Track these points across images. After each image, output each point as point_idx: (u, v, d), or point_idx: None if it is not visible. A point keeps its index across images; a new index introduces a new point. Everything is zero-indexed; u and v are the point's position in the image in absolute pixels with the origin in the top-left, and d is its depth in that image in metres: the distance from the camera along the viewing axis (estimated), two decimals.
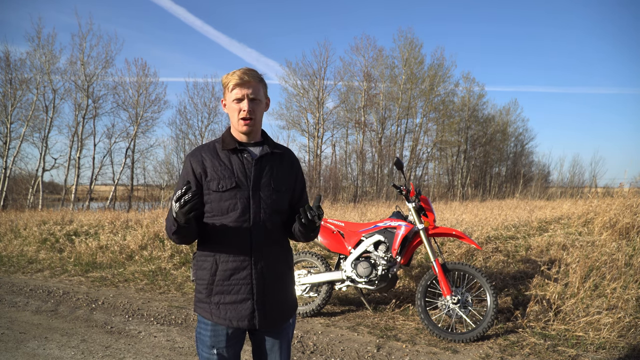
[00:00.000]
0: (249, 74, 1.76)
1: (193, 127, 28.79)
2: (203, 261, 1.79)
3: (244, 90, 1.75)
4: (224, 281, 1.74)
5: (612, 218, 6.09)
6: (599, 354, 3.60)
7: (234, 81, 1.75)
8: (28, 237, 9.59)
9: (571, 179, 24.95)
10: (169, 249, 7.54)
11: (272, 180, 1.80)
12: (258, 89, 1.79)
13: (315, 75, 29.10)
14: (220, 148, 1.80)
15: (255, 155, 1.81)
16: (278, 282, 1.81)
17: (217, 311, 1.75)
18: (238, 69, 1.79)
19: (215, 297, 1.75)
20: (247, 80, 1.75)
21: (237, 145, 1.80)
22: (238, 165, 1.77)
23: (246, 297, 1.74)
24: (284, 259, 1.86)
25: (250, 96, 1.76)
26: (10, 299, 5.56)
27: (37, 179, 24.86)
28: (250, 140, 1.84)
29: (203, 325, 1.80)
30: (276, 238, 1.81)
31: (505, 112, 35.85)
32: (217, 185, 1.74)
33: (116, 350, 3.83)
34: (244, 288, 1.74)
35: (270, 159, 1.83)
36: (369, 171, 29.38)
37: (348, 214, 9.71)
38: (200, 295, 1.80)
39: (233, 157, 1.79)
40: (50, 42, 24.69)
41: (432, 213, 4.36)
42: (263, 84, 1.83)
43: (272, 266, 1.78)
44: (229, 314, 1.74)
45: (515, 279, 5.19)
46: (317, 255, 4.87)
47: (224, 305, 1.74)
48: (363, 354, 3.70)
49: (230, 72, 1.79)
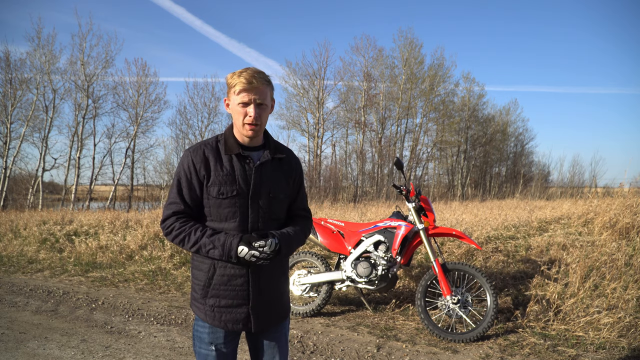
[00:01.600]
0: (257, 78, 1.69)
1: (193, 127, 28.80)
2: (201, 262, 1.78)
3: (251, 95, 1.69)
4: (220, 285, 1.74)
5: (612, 218, 6.09)
6: (599, 354, 3.60)
7: (240, 85, 1.68)
8: (28, 237, 9.59)
9: (571, 179, 24.90)
10: (169, 249, 7.54)
11: (271, 188, 1.78)
12: (265, 94, 1.73)
13: (315, 75, 29.12)
14: (224, 151, 1.76)
15: (257, 161, 1.78)
16: (274, 287, 1.82)
17: (211, 314, 1.76)
18: (245, 71, 1.71)
19: (210, 300, 1.76)
20: (255, 85, 1.69)
21: (240, 151, 1.75)
22: (240, 172, 1.74)
23: (241, 302, 1.75)
24: (280, 264, 1.85)
25: (258, 101, 1.71)
26: (10, 299, 5.56)
27: (37, 179, 24.86)
28: (253, 144, 1.81)
29: (201, 323, 1.81)
30: None
31: (505, 112, 35.87)
32: (218, 192, 1.72)
33: (116, 350, 3.83)
34: (240, 294, 1.74)
35: (270, 166, 1.81)
36: (369, 171, 29.38)
37: (348, 214, 9.71)
38: (196, 294, 1.80)
39: (235, 162, 1.75)
40: (50, 42, 24.68)
41: (432, 213, 4.36)
42: (270, 87, 1.77)
43: (268, 272, 1.79)
44: (224, 317, 1.75)
45: (515, 279, 5.19)
46: (317, 255, 4.87)
47: (218, 308, 1.75)
48: (363, 354, 3.70)
49: (237, 72, 1.72)
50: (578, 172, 26.15)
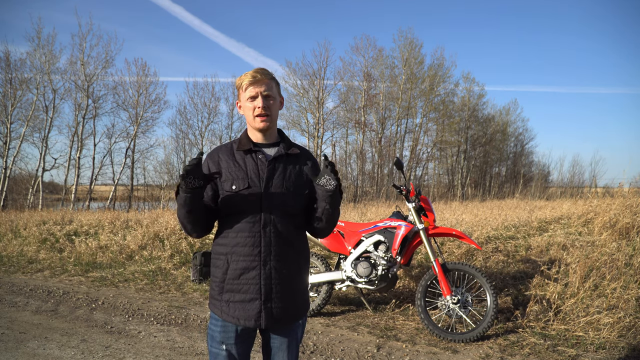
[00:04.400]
0: (261, 72, 1.81)
1: (193, 127, 28.84)
2: (217, 259, 1.83)
3: (257, 88, 1.80)
4: (234, 280, 1.77)
5: (612, 218, 6.09)
6: (599, 354, 3.60)
7: (247, 80, 1.80)
8: (28, 237, 9.59)
9: (571, 179, 24.92)
10: (169, 249, 7.54)
11: (284, 181, 1.80)
12: (271, 86, 1.83)
13: (315, 75, 29.08)
14: (236, 149, 1.84)
15: (270, 156, 1.83)
16: (287, 284, 1.80)
17: (226, 309, 1.79)
18: (251, 70, 1.83)
19: (226, 295, 1.79)
20: (259, 78, 1.80)
21: (252, 146, 1.82)
22: (252, 166, 1.80)
23: (254, 297, 1.76)
24: (296, 260, 1.84)
25: (264, 93, 1.80)
26: (10, 299, 5.56)
27: (37, 179, 24.85)
28: (267, 141, 1.86)
29: (214, 321, 1.84)
30: (288, 239, 1.80)
31: (505, 112, 35.86)
32: (231, 186, 1.77)
33: (116, 350, 3.83)
34: (252, 288, 1.76)
35: (284, 160, 1.84)
36: (369, 171, 29.38)
37: (348, 214, 9.71)
38: (213, 292, 1.84)
39: (248, 158, 1.82)
40: (50, 42, 24.68)
41: (432, 213, 4.36)
42: (275, 82, 1.87)
43: (281, 267, 1.78)
44: (237, 312, 1.77)
45: (515, 279, 5.19)
46: (317, 255, 4.87)
47: (233, 303, 1.78)
48: (363, 354, 3.70)
49: (243, 74, 1.84)
50: (578, 172, 26.17)
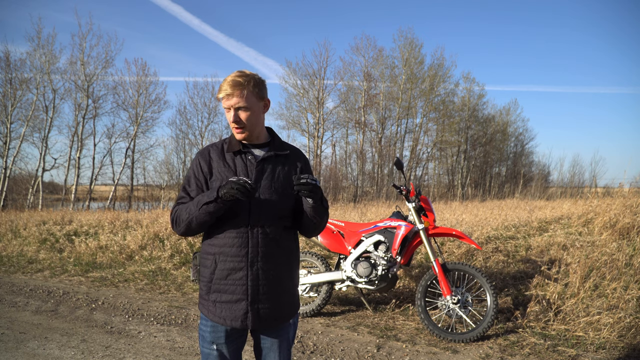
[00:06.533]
0: (232, 85, 1.75)
1: (193, 127, 28.88)
2: (205, 259, 1.83)
3: (229, 101, 1.77)
4: (221, 280, 1.77)
5: (612, 218, 6.09)
6: (599, 354, 3.60)
7: (221, 93, 1.77)
8: (28, 237, 9.58)
9: (571, 179, 24.98)
10: (169, 249, 7.54)
11: (273, 182, 1.80)
12: (243, 97, 1.76)
13: (315, 75, 29.12)
14: (226, 150, 1.85)
15: (259, 157, 1.84)
16: (275, 285, 1.79)
17: (214, 309, 1.79)
18: (227, 77, 1.79)
19: (213, 295, 1.79)
20: (229, 92, 1.75)
21: (240, 148, 1.83)
22: (241, 168, 1.81)
23: (241, 298, 1.75)
24: (285, 261, 1.83)
25: (236, 106, 1.77)
26: (10, 299, 5.56)
27: (37, 179, 24.87)
28: (254, 142, 1.87)
29: (204, 321, 1.84)
30: (276, 240, 1.79)
31: (505, 112, 35.91)
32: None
33: (116, 350, 3.83)
34: (239, 289, 1.75)
35: (273, 161, 1.84)
36: (369, 171, 29.42)
37: (348, 214, 9.71)
38: (202, 292, 1.84)
39: (237, 159, 1.83)
40: (50, 42, 24.75)
41: (432, 213, 4.36)
42: (255, 87, 1.79)
43: (269, 268, 1.78)
44: (224, 312, 1.77)
45: (515, 279, 5.19)
46: (317, 255, 4.87)
47: (220, 303, 1.78)
48: (363, 354, 3.70)
49: (222, 81, 1.81)
50: (578, 172, 26.23)
